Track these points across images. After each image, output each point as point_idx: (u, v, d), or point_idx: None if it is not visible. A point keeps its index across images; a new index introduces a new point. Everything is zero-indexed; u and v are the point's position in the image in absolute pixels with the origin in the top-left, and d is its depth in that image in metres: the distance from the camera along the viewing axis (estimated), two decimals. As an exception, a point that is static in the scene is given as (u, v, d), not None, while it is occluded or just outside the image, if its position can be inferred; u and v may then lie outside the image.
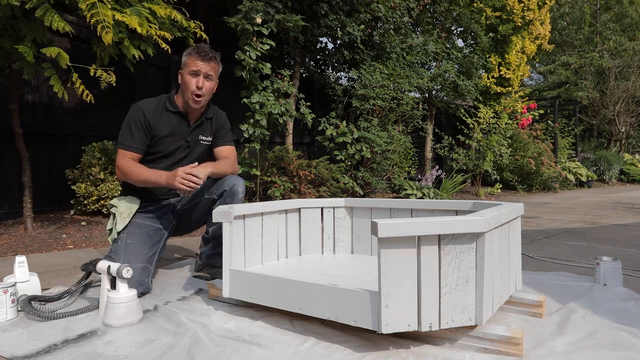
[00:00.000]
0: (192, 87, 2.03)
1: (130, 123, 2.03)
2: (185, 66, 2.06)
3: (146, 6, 2.86)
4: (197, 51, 2.04)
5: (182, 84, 2.07)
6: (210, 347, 1.36)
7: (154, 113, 2.07)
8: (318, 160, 4.99)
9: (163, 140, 2.09)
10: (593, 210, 5.33)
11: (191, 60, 2.04)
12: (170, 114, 2.10)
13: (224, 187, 2.08)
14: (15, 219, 3.79)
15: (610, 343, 1.35)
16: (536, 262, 2.57)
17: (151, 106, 2.07)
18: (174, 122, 2.11)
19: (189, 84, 2.04)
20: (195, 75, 2.03)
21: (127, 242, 1.95)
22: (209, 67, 2.05)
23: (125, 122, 2.05)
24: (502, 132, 7.98)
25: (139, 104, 2.07)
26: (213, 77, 2.08)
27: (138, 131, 2.03)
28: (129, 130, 2.03)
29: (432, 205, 1.97)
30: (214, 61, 2.07)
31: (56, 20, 2.58)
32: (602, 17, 16.29)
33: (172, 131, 2.10)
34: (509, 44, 8.70)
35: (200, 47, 2.06)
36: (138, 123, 2.03)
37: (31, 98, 3.96)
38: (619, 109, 13.87)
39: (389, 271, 1.25)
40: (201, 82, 2.04)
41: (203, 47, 2.06)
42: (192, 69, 2.03)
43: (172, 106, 2.10)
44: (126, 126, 2.04)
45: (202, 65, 2.04)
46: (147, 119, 2.04)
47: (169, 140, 2.10)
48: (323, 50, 5.85)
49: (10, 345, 1.39)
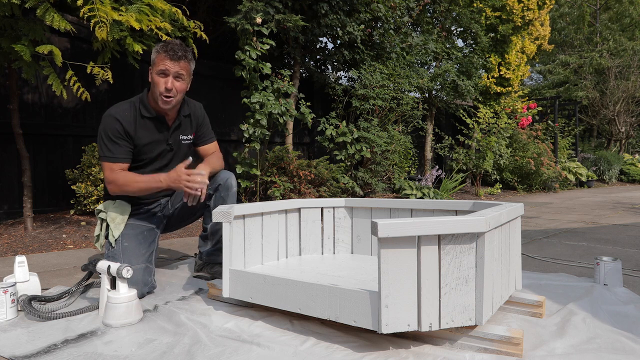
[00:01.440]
0: (161, 89, 1.90)
1: (109, 134, 1.91)
2: (154, 65, 1.92)
3: (145, 2, 2.85)
4: (165, 49, 1.89)
5: (153, 85, 1.95)
6: (210, 347, 1.36)
7: (130, 121, 1.95)
8: (318, 160, 4.99)
9: (144, 148, 2.01)
10: (593, 210, 5.33)
11: (159, 59, 1.90)
12: (146, 120, 1.99)
13: (218, 182, 2.09)
14: (15, 219, 3.79)
15: (611, 347, 1.35)
16: (536, 262, 2.57)
17: (126, 114, 1.95)
18: (152, 128, 2.01)
19: (158, 84, 1.91)
20: (164, 75, 1.90)
21: (123, 245, 1.92)
22: (179, 66, 1.91)
23: (103, 134, 1.91)
24: (501, 132, 7.98)
25: (112, 113, 1.93)
26: (184, 77, 1.95)
27: (120, 140, 1.92)
28: (110, 141, 1.91)
29: (432, 205, 1.97)
30: (184, 60, 1.92)
31: (57, 20, 2.58)
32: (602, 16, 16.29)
33: (152, 138, 2.01)
34: (509, 44, 8.70)
35: (169, 44, 1.90)
36: (116, 133, 1.91)
37: (31, 98, 3.96)
38: (618, 109, 13.88)
39: (389, 271, 1.25)
40: (170, 83, 1.90)
41: (172, 45, 1.90)
42: (160, 69, 1.89)
43: (147, 111, 1.98)
44: (106, 138, 1.91)
45: (171, 65, 1.89)
46: (126, 129, 1.93)
47: (151, 147, 2.02)
48: (323, 50, 5.85)
49: (10, 345, 1.39)
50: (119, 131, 1.91)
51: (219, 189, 2.09)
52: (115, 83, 4.43)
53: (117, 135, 1.91)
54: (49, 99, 4.06)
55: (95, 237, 2.07)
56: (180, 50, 1.90)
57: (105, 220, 2.02)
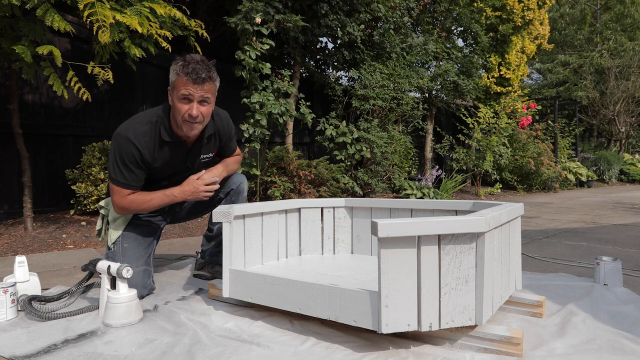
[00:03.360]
0: (185, 116, 1.70)
1: (124, 159, 1.74)
2: (174, 88, 1.69)
3: (146, 5, 2.86)
4: (186, 71, 1.64)
5: (174, 109, 1.73)
6: (211, 347, 1.36)
7: (150, 147, 1.77)
8: (318, 160, 4.99)
9: (160, 169, 1.87)
10: (593, 210, 5.33)
11: (180, 82, 1.66)
12: (165, 143, 1.81)
13: (230, 186, 2.08)
14: (15, 219, 3.79)
15: (611, 348, 1.35)
16: (536, 262, 2.57)
17: (146, 139, 1.76)
18: (171, 151, 1.85)
19: (180, 111, 1.70)
20: (188, 101, 1.68)
21: (123, 246, 1.90)
22: (203, 90, 1.68)
23: (117, 156, 1.74)
24: (501, 132, 7.99)
25: (130, 137, 1.72)
26: (210, 100, 1.73)
27: (135, 167, 1.76)
28: (125, 167, 1.75)
29: (432, 205, 1.97)
30: (209, 82, 1.69)
31: (57, 20, 2.58)
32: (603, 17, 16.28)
33: (169, 159, 1.87)
34: (509, 44, 8.70)
35: (190, 63, 1.66)
36: (132, 159, 1.74)
37: (31, 98, 3.96)
38: (619, 109, 13.88)
39: (389, 271, 1.25)
40: (195, 110, 1.69)
41: (194, 65, 1.66)
42: (182, 94, 1.67)
43: (168, 136, 1.79)
44: (120, 162, 1.74)
45: (194, 89, 1.66)
46: (144, 157, 1.76)
47: (166, 168, 1.89)
48: (323, 50, 5.85)
49: (10, 345, 1.39)
50: (136, 159, 1.75)
51: (230, 193, 2.08)
52: (116, 83, 4.43)
53: (132, 162, 1.75)
54: (49, 99, 4.06)
55: (97, 231, 2.06)
56: (204, 72, 1.66)
57: (106, 217, 2.02)
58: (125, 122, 1.80)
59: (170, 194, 1.84)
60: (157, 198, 1.83)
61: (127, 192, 1.80)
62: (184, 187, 1.85)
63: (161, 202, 1.85)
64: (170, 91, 1.74)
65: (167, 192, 1.84)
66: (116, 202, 1.82)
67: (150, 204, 1.84)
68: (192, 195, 1.85)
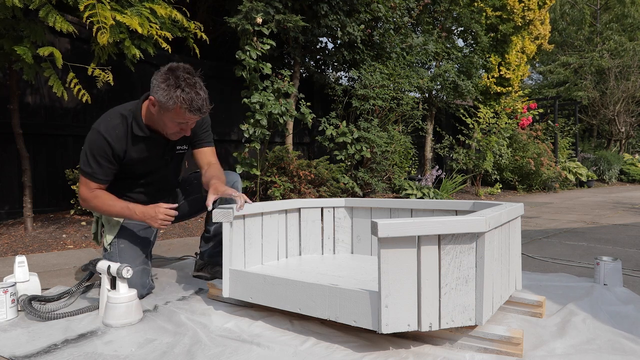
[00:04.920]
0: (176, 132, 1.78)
1: (94, 152, 1.75)
2: (170, 111, 1.69)
3: (147, 6, 2.86)
4: (188, 107, 1.66)
5: (159, 121, 1.75)
6: (211, 347, 1.36)
7: (121, 140, 1.78)
8: (318, 160, 4.99)
9: (137, 164, 1.88)
10: (593, 210, 5.33)
11: (180, 111, 1.68)
12: (139, 138, 1.82)
13: None
14: (15, 219, 3.79)
15: (610, 348, 1.35)
16: (536, 262, 2.57)
17: (116, 132, 1.77)
18: (147, 145, 1.85)
19: (172, 128, 1.76)
20: (184, 124, 1.75)
21: (120, 246, 1.90)
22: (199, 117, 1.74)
23: (88, 149, 1.76)
24: (501, 132, 7.99)
25: (101, 130, 1.74)
26: None
27: (104, 161, 1.77)
28: (94, 160, 1.76)
29: (432, 205, 1.97)
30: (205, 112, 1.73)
31: (59, 21, 2.59)
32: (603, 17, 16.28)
33: (146, 154, 1.87)
34: (509, 44, 8.70)
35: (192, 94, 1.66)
36: (102, 153, 1.75)
37: (31, 98, 3.96)
38: (618, 109, 13.88)
39: (389, 271, 1.25)
40: (189, 131, 1.79)
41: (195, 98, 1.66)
42: (179, 121, 1.73)
43: (140, 130, 1.80)
44: (89, 154, 1.75)
45: (192, 117, 1.72)
46: (114, 151, 1.78)
47: (144, 163, 1.90)
48: (323, 50, 5.85)
49: (10, 345, 1.39)
50: (106, 152, 1.76)
51: None
52: (115, 83, 4.42)
53: (102, 155, 1.76)
54: (50, 99, 4.06)
55: (92, 234, 2.07)
56: (205, 107, 1.71)
57: (100, 219, 2.01)
58: (102, 115, 1.82)
59: (132, 210, 1.79)
60: (119, 207, 1.80)
61: (95, 185, 1.79)
62: (147, 209, 1.79)
63: (121, 212, 1.80)
64: (156, 103, 1.70)
65: (130, 206, 1.80)
66: (82, 193, 1.81)
67: (111, 209, 1.80)
68: (150, 219, 1.78)
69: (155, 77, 1.70)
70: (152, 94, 1.71)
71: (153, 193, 2.04)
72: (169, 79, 1.66)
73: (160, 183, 2.06)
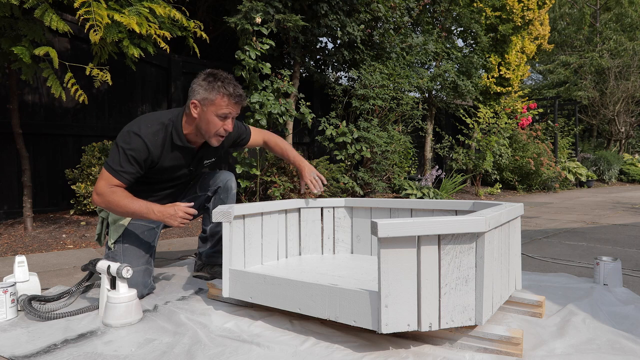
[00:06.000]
0: (220, 131, 1.81)
1: (129, 153, 1.75)
2: (212, 105, 1.77)
3: (146, 5, 2.85)
4: (229, 92, 1.76)
5: (202, 122, 1.80)
6: (210, 347, 1.36)
7: (158, 148, 1.82)
8: (318, 160, 4.99)
9: (164, 170, 1.91)
10: (593, 210, 5.33)
11: (222, 101, 1.76)
12: (175, 147, 1.87)
13: (217, 184, 2.08)
14: (15, 219, 3.79)
15: (610, 348, 1.35)
16: (536, 262, 2.57)
17: (156, 139, 1.80)
18: (178, 155, 1.90)
19: (215, 125, 1.80)
20: (224, 118, 1.80)
21: (124, 245, 1.90)
22: (239, 108, 1.83)
23: (123, 148, 1.75)
24: (501, 132, 7.99)
25: (142, 134, 1.76)
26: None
27: (137, 165, 1.79)
28: (126, 160, 1.76)
29: (432, 205, 1.97)
30: (245, 100, 1.84)
31: (55, 20, 2.58)
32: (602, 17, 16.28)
33: (175, 163, 1.91)
34: (509, 44, 8.70)
35: (230, 83, 1.78)
36: (138, 154, 1.77)
37: (31, 98, 3.96)
38: (618, 109, 13.87)
39: (389, 271, 1.25)
40: (230, 125, 1.82)
41: (234, 86, 1.79)
42: (224, 112, 1.78)
43: (179, 140, 1.84)
44: (122, 153, 1.75)
45: (236, 109, 1.81)
46: (151, 157, 1.80)
47: (171, 170, 1.93)
48: (323, 50, 5.85)
49: (10, 345, 1.39)
50: (141, 156, 1.78)
51: (218, 191, 2.08)
52: (115, 82, 4.43)
53: (136, 158, 1.77)
54: (49, 99, 4.06)
55: (96, 235, 2.06)
56: (244, 96, 1.82)
57: (105, 219, 2.01)
58: (134, 120, 1.82)
59: (150, 209, 1.77)
60: (137, 205, 1.76)
61: (116, 182, 1.76)
62: (166, 209, 1.77)
63: (138, 210, 1.76)
64: (198, 105, 1.78)
65: (148, 205, 1.78)
66: (99, 187, 1.76)
67: (128, 206, 1.75)
68: (169, 218, 1.77)
69: (195, 82, 1.80)
70: (193, 98, 1.79)
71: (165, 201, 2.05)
72: (209, 78, 1.78)
73: (177, 193, 2.10)
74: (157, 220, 1.78)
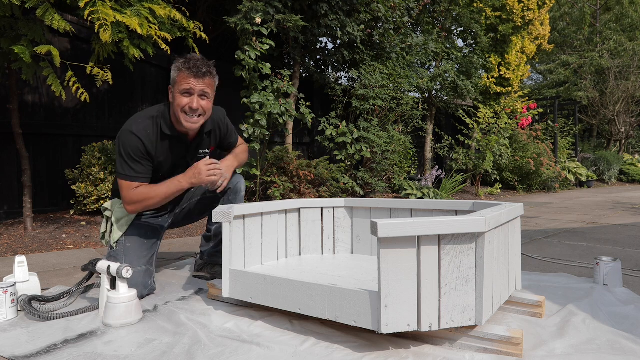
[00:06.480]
0: (186, 108, 1.79)
1: (130, 153, 1.79)
2: (176, 84, 1.80)
3: (146, 6, 2.85)
4: (187, 66, 1.76)
5: (174, 104, 1.82)
6: (210, 347, 1.36)
7: (152, 140, 1.84)
8: (318, 161, 4.99)
9: (160, 165, 1.93)
10: (593, 211, 5.33)
11: (182, 77, 1.77)
12: (166, 138, 1.89)
13: (227, 186, 2.08)
14: (15, 219, 3.79)
15: (610, 348, 1.35)
16: (536, 262, 2.57)
17: (148, 131, 1.83)
18: (172, 146, 1.91)
19: (180, 103, 1.79)
20: (188, 94, 1.78)
21: (126, 245, 1.90)
22: (204, 84, 1.79)
23: (123, 152, 1.80)
24: (501, 132, 7.99)
25: (133, 130, 1.80)
26: (209, 95, 1.83)
27: (140, 158, 1.82)
28: (132, 160, 1.80)
29: (432, 205, 1.97)
30: (209, 76, 1.81)
31: (56, 20, 2.58)
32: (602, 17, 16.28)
33: (170, 155, 1.93)
34: (509, 44, 8.70)
35: (191, 60, 1.78)
36: (138, 152, 1.80)
37: (31, 98, 3.96)
38: (618, 109, 13.87)
39: (389, 271, 1.25)
40: (196, 103, 1.78)
41: (195, 61, 1.78)
42: (184, 88, 1.77)
43: (168, 129, 1.87)
44: (126, 156, 1.80)
45: (196, 83, 1.77)
46: (147, 149, 1.83)
47: (167, 164, 1.95)
48: (323, 50, 5.85)
49: (10, 345, 1.39)
50: (141, 150, 1.81)
51: (227, 192, 2.08)
52: (115, 82, 4.43)
53: (137, 154, 1.80)
54: (49, 98, 4.06)
55: (101, 234, 2.06)
56: (204, 67, 1.79)
57: (110, 219, 2.01)
58: (128, 120, 1.87)
59: (175, 180, 1.83)
60: (164, 186, 1.82)
61: (136, 184, 1.82)
62: (188, 172, 1.84)
63: (168, 190, 1.82)
64: (171, 88, 1.84)
65: (172, 181, 1.83)
66: (126, 197, 1.82)
67: (160, 195, 1.82)
68: (196, 178, 1.82)
69: None
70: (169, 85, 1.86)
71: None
72: (178, 60, 1.81)
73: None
74: (190, 185, 1.84)
